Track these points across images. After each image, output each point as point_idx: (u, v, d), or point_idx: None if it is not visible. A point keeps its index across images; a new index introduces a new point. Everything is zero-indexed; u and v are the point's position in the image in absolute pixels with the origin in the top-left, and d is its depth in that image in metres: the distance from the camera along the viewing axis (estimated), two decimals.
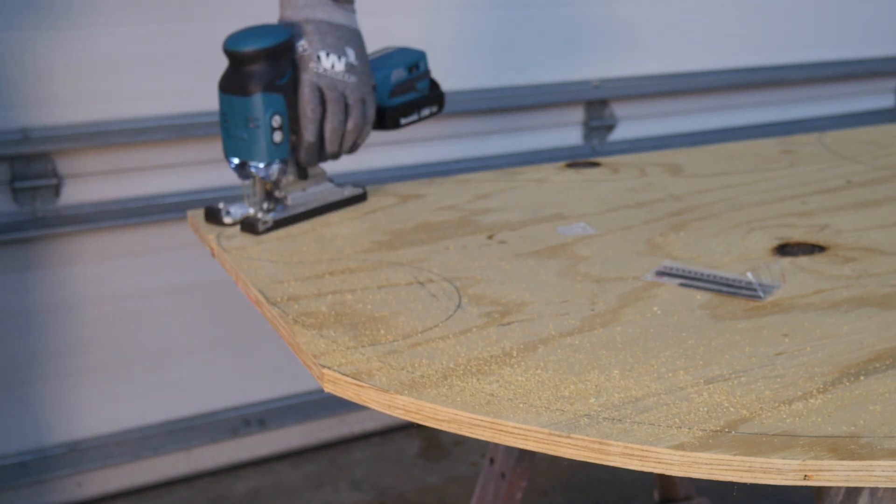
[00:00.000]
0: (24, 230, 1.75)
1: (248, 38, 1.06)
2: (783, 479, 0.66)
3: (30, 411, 1.86)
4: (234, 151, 1.10)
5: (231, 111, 1.08)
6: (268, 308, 0.92)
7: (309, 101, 1.11)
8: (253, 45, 1.05)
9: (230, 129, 1.09)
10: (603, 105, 2.29)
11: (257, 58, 1.05)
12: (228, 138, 1.09)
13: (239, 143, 1.09)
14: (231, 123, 1.08)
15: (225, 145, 1.10)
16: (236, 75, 1.06)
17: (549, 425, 0.70)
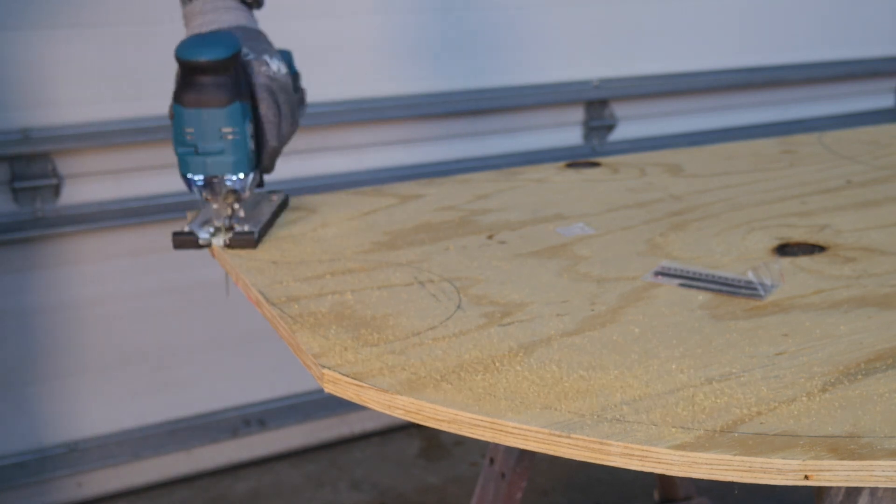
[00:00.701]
0: (24, 230, 1.75)
1: (209, 46, 1.01)
2: (783, 480, 0.66)
3: (29, 411, 1.86)
4: (203, 168, 1.04)
5: (200, 125, 1.02)
6: (268, 308, 0.92)
7: (269, 105, 1.08)
8: (219, 52, 1.00)
9: (197, 145, 1.03)
10: (603, 105, 2.29)
11: (226, 66, 1.01)
12: (194, 155, 1.03)
13: (210, 159, 1.03)
14: (199, 138, 1.03)
15: (188, 164, 1.04)
16: (204, 86, 1.01)
17: (549, 425, 0.70)
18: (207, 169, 1.04)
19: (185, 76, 1.02)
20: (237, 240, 1.07)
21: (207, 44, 1.01)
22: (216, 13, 1.09)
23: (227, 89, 1.02)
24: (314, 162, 1.99)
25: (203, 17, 1.09)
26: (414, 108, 2.06)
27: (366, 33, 1.98)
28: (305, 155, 1.98)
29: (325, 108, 1.97)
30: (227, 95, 1.02)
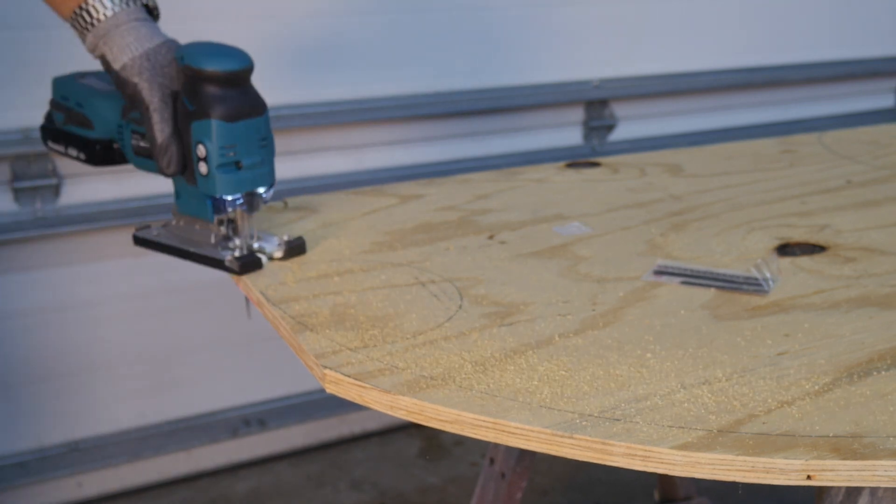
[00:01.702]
0: (24, 230, 1.75)
1: (234, 55, 0.95)
2: (786, 479, 0.66)
3: (30, 411, 1.86)
4: (244, 184, 0.98)
5: (244, 138, 0.97)
6: (269, 309, 0.92)
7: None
8: (247, 59, 0.96)
9: (242, 160, 0.97)
10: (603, 105, 2.29)
11: (252, 71, 0.97)
12: (236, 172, 0.97)
13: (254, 172, 0.98)
14: (243, 152, 0.97)
15: (228, 184, 0.97)
16: (241, 96, 0.96)
17: (551, 426, 0.70)
18: (252, 183, 0.99)
19: (211, 90, 0.95)
20: (291, 248, 1.04)
21: (230, 53, 0.96)
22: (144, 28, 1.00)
23: (259, 95, 0.98)
24: (314, 162, 1.99)
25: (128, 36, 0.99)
26: (414, 108, 2.06)
27: (366, 33, 1.98)
28: (305, 155, 1.98)
29: (325, 108, 1.97)
30: (263, 102, 0.98)
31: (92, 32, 0.99)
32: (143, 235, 1.09)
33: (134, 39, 0.99)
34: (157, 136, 0.98)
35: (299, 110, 1.94)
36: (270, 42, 1.91)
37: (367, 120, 2.01)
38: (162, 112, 0.98)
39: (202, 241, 1.04)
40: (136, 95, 0.98)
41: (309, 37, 1.93)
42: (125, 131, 1.03)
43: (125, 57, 0.98)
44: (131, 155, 1.04)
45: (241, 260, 1.00)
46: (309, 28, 1.93)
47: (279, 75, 1.92)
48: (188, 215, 1.04)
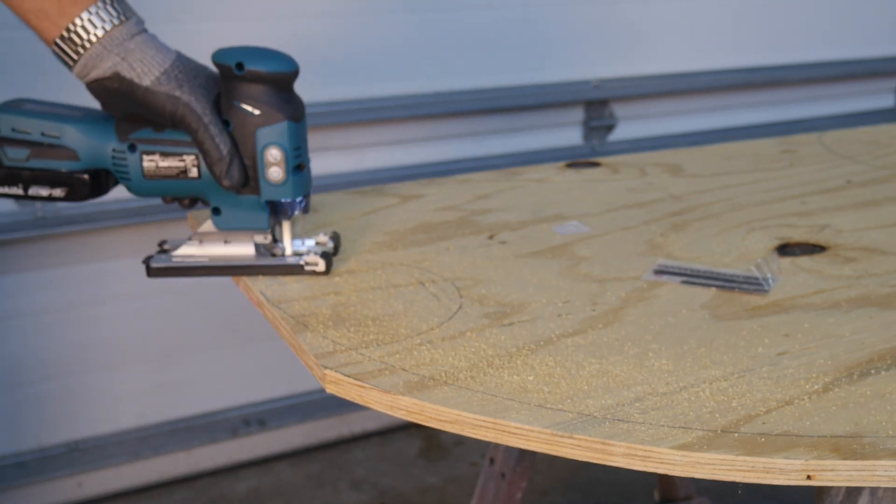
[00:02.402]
0: (24, 230, 1.75)
1: (283, 57, 0.94)
2: (786, 480, 0.66)
3: (30, 411, 1.86)
4: (306, 185, 0.97)
5: (304, 138, 0.96)
6: (269, 309, 0.92)
7: None
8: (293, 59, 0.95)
9: (304, 159, 0.96)
10: (603, 105, 2.29)
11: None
12: (301, 173, 0.96)
13: (307, 171, 0.97)
14: (304, 152, 0.96)
15: (297, 186, 0.96)
16: (295, 97, 0.95)
17: (551, 426, 0.70)
18: (311, 182, 0.98)
19: (279, 91, 0.93)
20: (336, 239, 1.04)
21: (279, 55, 0.94)
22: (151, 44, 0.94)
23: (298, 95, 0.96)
24: (314, 162, 1.98)
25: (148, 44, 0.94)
26: (414, 108, 2.06)
27: (366, 33, 1.98)
28: None
29: (325, 108, 1.97)
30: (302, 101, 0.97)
31: (87, 53, 0.91)
32: (162, 265, 1.01)
33: (156, 52, 0.93)
34: (220, 149, 0.92)
35: None
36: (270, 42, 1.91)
37: (368, 120, 2.02)
38: (217, 124, 0.92)
39: (243, 254, 0.99)
40: (181, 112, 0.92)
41: (309, 37, 1.93)
42: (129, 156, 0.96)
43: (155, 71, 0.92)
44: (138, 181, 0.96)
45: (326, 258, 0.98)
46: (309, 28, 1.93)
47: None
48: (227, 230, 0.99)
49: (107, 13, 0.91)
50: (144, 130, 0.95)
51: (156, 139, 0.95)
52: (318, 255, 0.98)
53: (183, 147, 0.95)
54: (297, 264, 0.98)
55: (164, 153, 0.95)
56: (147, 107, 0.92)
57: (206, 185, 0.96)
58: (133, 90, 0.92)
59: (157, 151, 0.95)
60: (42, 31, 0.93)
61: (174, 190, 0.97)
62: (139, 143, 0.95)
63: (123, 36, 0.92)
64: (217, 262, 0.99)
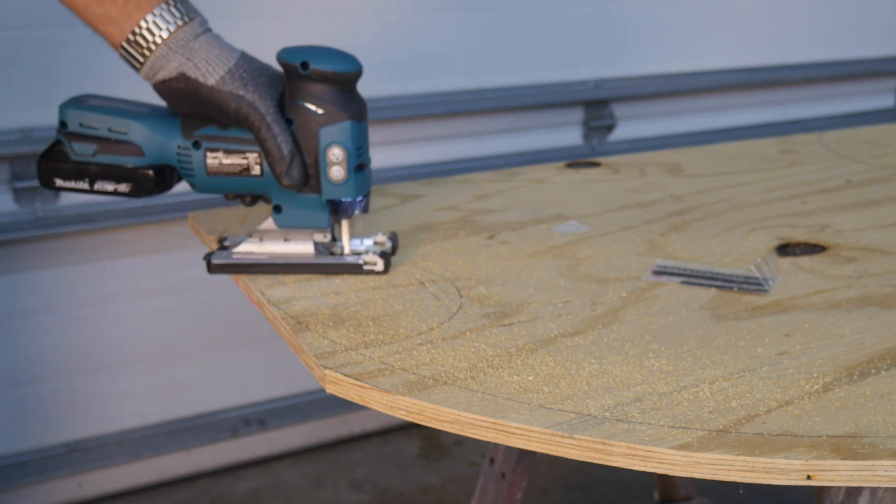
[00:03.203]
0: (24, 230, 1.75)
1: (346, 56, 0.94)
2: (786, 480, 0.66)
3: (30, 411, 1.86)
4: (366, 183, 0.97)
5: (366, 138, 0.96)
6: (269, 309, 0.92)
7: None
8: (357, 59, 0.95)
9: (367, 159, 0.97)
10: (603, 105, 2.29)
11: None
12: (362, 172, 0.96)
13: (368, 170, 0.97)
14: (365, 151, 0.96)
15: (357, 185, 0.96)
16: (358, 97, 0.96)
17: (551, 426, 0.70)
18: (371, 182, 0.98)
19: (345, 91, 0.94)
20: (394, 239, 1.04)
21: (343, 54, 0.94)
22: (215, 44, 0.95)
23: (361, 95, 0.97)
24: None
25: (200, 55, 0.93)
26: (414, 108, 2.06)
27: (366, 33, 1.98)
28: None
29: None
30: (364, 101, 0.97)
31: (154, 54, 0.92)
32: (223, 261, 1.00)
33: (219, 52, 0.93)
34: (281, 148, 0.93)
35: None
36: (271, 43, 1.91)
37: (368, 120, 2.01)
38: (279, 123, 0.93)
39: (302, 252, 1.00)
40: (245, 110, 0.93)
41: (308, 37, 1.93)
42: (194, 153, 0.97)
43: (220, 71, 0.93)
44: (202, 177, 0.98)
45: (385, 258, 0.99)
46: (309, 28, 1.93)
47: None
48: (288, 228, 0.99)
49: (171, 15, 0.93)
50: (209, 128, 0.97)
51: (220, 136, 0.96)
52: (377, 255, 0.99)
53: (246, 145, 0.96)
54: (356, 263, 0.99)
55: (227, 151, 0.96)
56: (212, 106, 0.94)
57: (268, 182, 0.97)
58: (198, 90, 0.93)
59: (221, 149, 0.97)
60: (109, 35, 0.94)
61: (236, 187, 0.98)
62: (204, 140, 0.97)
63: (188, 36, 0.93)
64: (276, 260, 1.00)
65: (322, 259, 0.99)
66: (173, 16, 0.93)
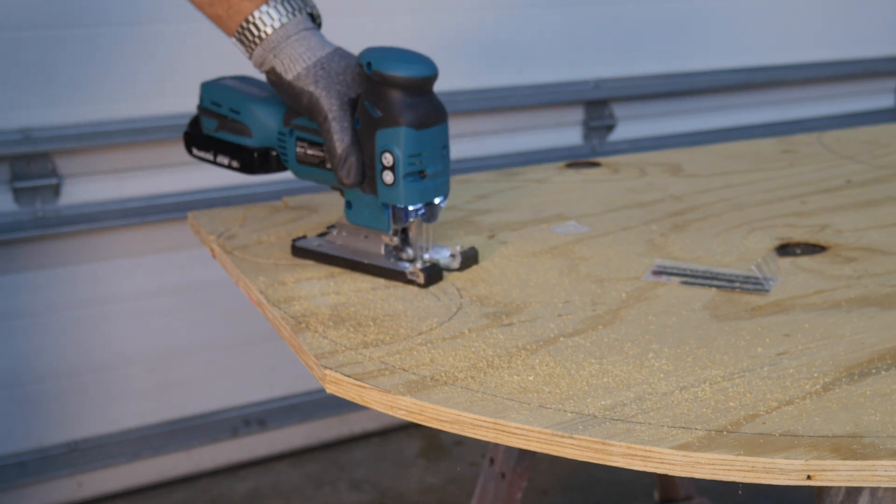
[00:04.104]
0: (24, 230, 1.75)
1: (420, 61, 0.93)
2: (786, 479, 0.66)
3: (30, 411, 1.86)
4: (426, 194, 0.95)
5: (429, 146, 0.94)
6: (269, 309, 0.92)
7: None
8: (434, 66, 0.93)
9: (426, 168, 0.94)
10: (603, 105, 2.29)
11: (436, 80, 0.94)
12: (420, 181, 0.94)
13: (436, 181, 0.95)
14: (427, 160, 0.94)
15: (412, 193, 0.94)
16: (432, 102, 0.94)
17: (551, 426, 0.70)
18: (434, 192, 0.96)
19: (402, 97, 0.92)
20: (467, 258, 1.01)
21: (417, 59, 0.93)
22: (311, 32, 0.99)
23: (441, 103, 0.95)
24: None
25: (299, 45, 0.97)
26: None
27: (366, 33, 1.98)
28: None
29: None
30: (444, 109, 0.95)
31: (261, 46, 0.97)
32: (304, 245, 1.04)
33: (305, 49, 0.97)
34: (336, 146, 0.95)
35: None
36: None
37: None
38: (341, 121, 0.95)
39: (372, 251, 1.00)
40: (312, 105, 0.96)
41: None
42: (288, 139, 1.01)
43: (298, 67, 0.97)
44: (294, 164, 1.02)
45: (427, 271, 0.97)
46: None
47: None
48: (359, 225, 1.01)
49: (276, 11, 0.97)
50: (302, 118, 1.00)
51: (308, 127, 1.00)
52: (422, 270, 0.97)
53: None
54: (401, 271, 0.98)
55: (311, 142, 1.00)
56: (292, 98, 0.98)
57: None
58: (282, 83, 0.98)
59: (308, 139, 1.00)
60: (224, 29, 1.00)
61: (318, 177, 1.01)
62: (296, 129, 1.01)
63: (288, 33, 0.97)
64: (345, 255, 1.01)
65: (377, 261, 0.99)
66: (278, 12, 0.97)
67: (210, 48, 1.85)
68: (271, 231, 1.13)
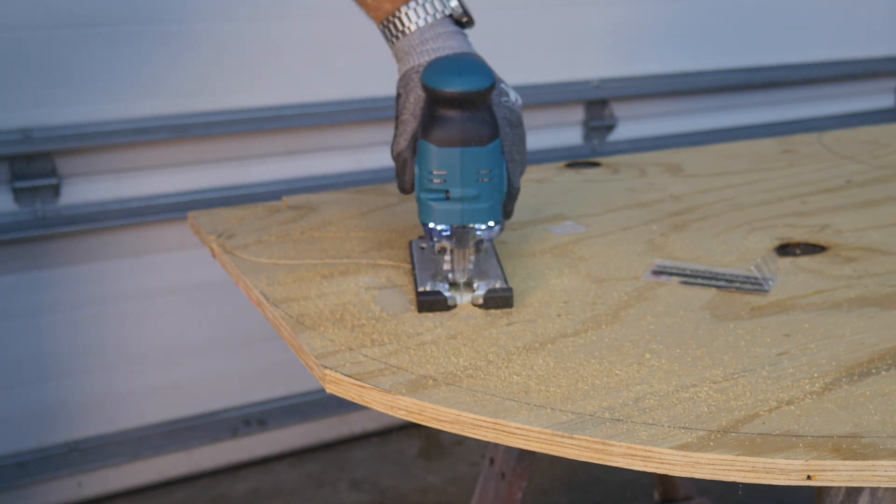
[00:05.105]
0: (24, 230, 1.75)
1: (467, 74, 0.87)
2: (786, 480, 0.66)
3: (30, 411, 1.86)
4: (453, 217, 0.89)
5: (457, 166, 0.87)
6: (269, 309, 0.92)
7: (513, 142, 0.95)
8: (481, 81, 0.87)
9: (450, 189, 0.88)
10: (603, 105, 2.29)
11: (487, 96, 0.87)
12: (444, 201, 0.88)
13: (464, 206, 0.88)
14: (452, 182, 0.87)
15: (434, 212, 0.89)
16: (462, 121, 0.87)
17: (551, 426, 0.70)
18: (461, 217, 0.89)
19: (437, 110, 0.87)
20: (494, 298, 0.91)
21: (465, 72, 0.87)
22: (439, 40, 0.96)
23: (490, 123, 0.88)
24: (314, 162, 1.99)
25: (424, 45, 0.96)
26: None
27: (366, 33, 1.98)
28: (306, 155, 1.98)
29: (325, 108, 1.97)
30: (490, 131, 0.88)
31: (402, 41, 0.97)
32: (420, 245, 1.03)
33: (418, 54, 0.96)
34: (392, 149, 0.95)
35: (300, 110, 1.94)
36: (270, 43, 1.91)
37: (369, 120, 2.02)
38: (405, 125, 0.94)
39: (430, 264, 0.97)
40: (396, 106, 0.96)
41: (307, 37, 1.93)
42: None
43: (404, 68, 0.97)
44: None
45: (422, 296, 0.91)
46: (310, 28, 1.93)
47: (279, 76, 1.93)
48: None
49: (415, 13, 0.97)
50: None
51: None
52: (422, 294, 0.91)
53: None
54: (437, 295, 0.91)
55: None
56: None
57: None
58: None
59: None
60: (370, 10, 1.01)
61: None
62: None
63: (426, 36, 0.97)
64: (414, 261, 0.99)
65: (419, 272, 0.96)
66: (416, 14, 0.97)
67: (210, 48, 1.85)
68: (271, 231, 1.13)
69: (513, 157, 0.95)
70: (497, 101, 0.94)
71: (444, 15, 0.97)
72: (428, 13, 0.97)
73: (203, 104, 1.85)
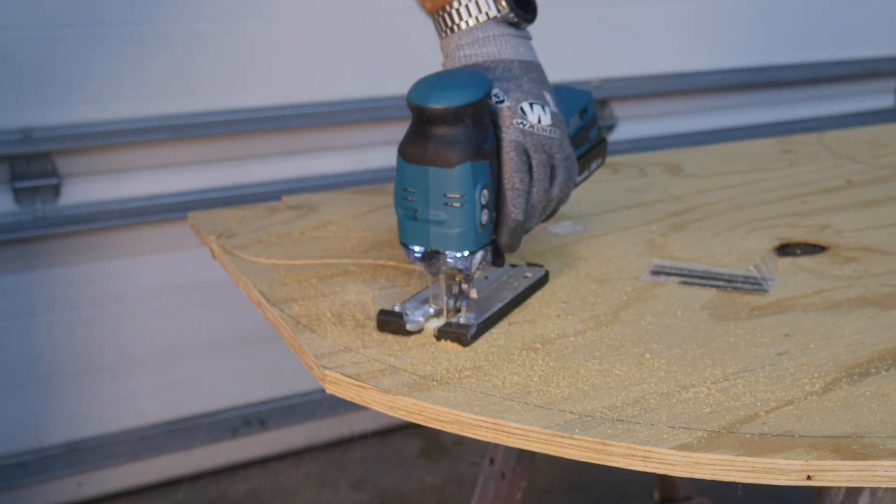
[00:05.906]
0: (24, 230, 1.75)
1: (445, 89, 0.81)
2: (786, 480, 0.66)
3: (30, 411, 1.86)
4: (421, 238, 0.84)
5: (421, 186, 0.82)
6: (269, 309, 0.92)
7: (517, 169, 0.86)
8: (456, 98, 0.81)
9: (417, 209, 0.83)
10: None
11: (462, 116, 0.81)
12: (413, 221, 0.84)
13: (430, 228, 0.83)
14: (420, 201, 0.83)
15: (405, 230, 0.85)
16: (433, 139, 0.81)
17: (551, 426, 0.70)
18: (425, 239, 0.84)
19: (416, 124, 0.83)
20: (446, 331, 0.84)
21: (443, 86, 0.82)
22: (474, 46, 0.91)
23: (461, 145, 0.81)
24: (314, 162, 1.99)
25: (459, 51, 0.92)
26: None
27: (366, 33, 1.98)
28: (306, 155, 1.98)
29: (325, 108, 1.97)
30: (457, 153, 0.81)
31: (453, 36, 0.91)
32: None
33: (464, 56, 0.91)
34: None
35: (300, 110, 1.94)
36: (270, 43, 1.91)
37: (369, 119, 2.02)
38: None
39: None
40: None
41: (307, 37, 1.93)
42: None
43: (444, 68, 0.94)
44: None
45: (382, 314, 0.86)
46: (310, 28, 1.93)
47: (280, 76, 1.93)
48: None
49: (466, 10, 0.91)
50: None
51: None
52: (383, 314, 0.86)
53: None
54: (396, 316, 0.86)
55: None
56: None
57: None
58: None
59: None
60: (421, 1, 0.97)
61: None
62: None
63: (475, 37, 0.92)
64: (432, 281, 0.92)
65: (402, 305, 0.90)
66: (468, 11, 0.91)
67: (210, 48, 1.85)
68: (271, 231, 1.13)
69: (513, 185, 0.86)
70: (510, 122, 0.87)
71: (487, 18, 0.91)
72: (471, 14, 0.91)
73: (203, 104, 1.85)
